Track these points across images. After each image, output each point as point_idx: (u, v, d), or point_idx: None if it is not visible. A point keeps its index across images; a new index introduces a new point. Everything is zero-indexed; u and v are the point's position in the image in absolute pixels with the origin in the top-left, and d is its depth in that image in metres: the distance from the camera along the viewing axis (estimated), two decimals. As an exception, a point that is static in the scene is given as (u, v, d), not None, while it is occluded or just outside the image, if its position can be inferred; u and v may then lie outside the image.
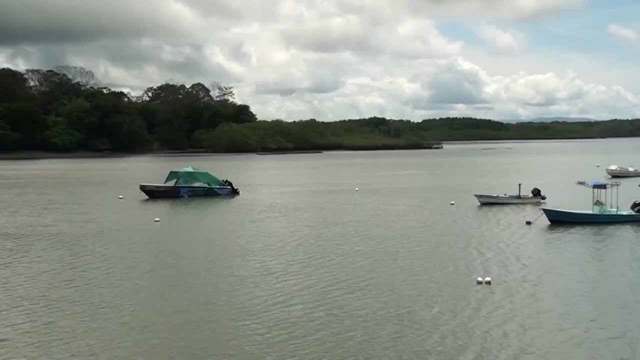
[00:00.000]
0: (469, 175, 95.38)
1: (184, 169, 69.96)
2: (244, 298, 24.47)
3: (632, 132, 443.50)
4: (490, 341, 19.27)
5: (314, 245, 35.90)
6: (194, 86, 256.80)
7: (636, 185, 66.55)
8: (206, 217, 51.97)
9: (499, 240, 37.22)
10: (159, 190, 66.89)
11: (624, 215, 43.21)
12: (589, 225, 41.64)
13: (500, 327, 20.54)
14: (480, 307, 22.94)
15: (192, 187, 66.71)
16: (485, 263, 30.42)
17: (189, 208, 57.35)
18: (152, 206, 58.71)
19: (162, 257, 33.63)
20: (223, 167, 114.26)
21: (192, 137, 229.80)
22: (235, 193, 66.90)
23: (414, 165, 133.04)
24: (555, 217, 42.94)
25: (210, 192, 66.36)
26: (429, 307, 22.81)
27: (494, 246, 35.11)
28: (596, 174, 78.81)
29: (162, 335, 20.28)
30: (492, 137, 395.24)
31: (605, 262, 31.29)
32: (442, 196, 62.16)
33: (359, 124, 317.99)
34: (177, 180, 67.20)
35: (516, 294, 24.70)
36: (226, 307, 23.31)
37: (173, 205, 59.42)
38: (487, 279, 26.46)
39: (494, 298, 24.11)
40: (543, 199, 55.03)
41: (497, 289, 25.47)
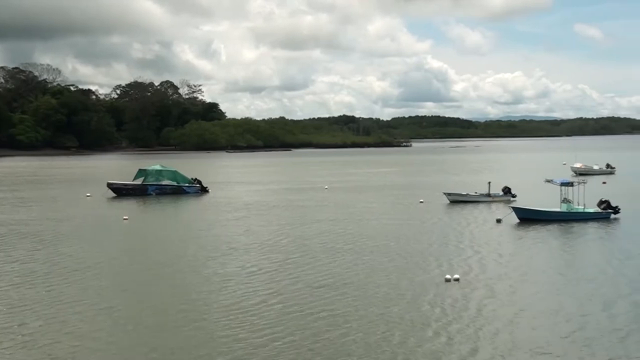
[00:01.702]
0: (437, 173, 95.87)
1: (153, 167, 69.46)
2: (216, 298, 24.33)
3: (597, 131, 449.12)
4: (458, 338, 19.34)
5: (285, 244, 35.83)
6: (163, 84, 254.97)
7: (600, 183, 67.55)
8: (175, 216, 51.64)
9: (468, 238, 37.42)
10: (126, 188, 66.35)
11: (591, 212, 43.71)
12: (557, 222, 42.05)
13: (467, 324, 20.63)
14: (449, 304, 23.02)
15: (160, 185, 66.27)
16: (454, 261, 30.54)
17: (157, 206, 56.97)
18: (120, 204, 58.22)
19: (132, 255, 33.37)
20: (192, 165, 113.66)
21: (161, 135, 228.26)
22: (205, 191, 66.54)
23: (383, 163, 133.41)
24: (524, 215, 43.29)
25: (178, 190, 65.94)
26: (397, 305, 22.83)
27: (463, 244, 35.29)
28: (562, 172, 79.67)
29: (132, 334, 20.10)
30: (460, 135, 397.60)
31: (573, 259, 31.62)
32: (411, 194, 62.39)
33: (329, 122, 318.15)
34: (145, 178, 66.72)
35: (485, 291, 24.83)
36: (198, 306, 23.15)
37: (141, 203, 59.01)
38: (455, 277, 26.57)
39: (462, 295, 24.20)
40: (513, 197, 55.38)
41: (465, 286, 25.59)
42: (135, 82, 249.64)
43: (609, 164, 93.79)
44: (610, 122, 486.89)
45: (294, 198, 61.17)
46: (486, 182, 58.43)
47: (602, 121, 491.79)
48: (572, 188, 45.11)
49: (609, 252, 32.92)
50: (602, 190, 56.63)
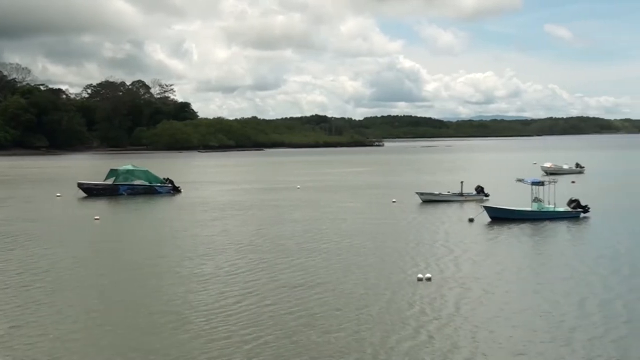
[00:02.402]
0: (410, 173, 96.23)
1: (124, 167, 69.03)
2: (195, 298, 24.23)
3: (567, 131, 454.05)
4: (429, 337, 19.45)
5: (260, 244, 35.79)
6: (135, 83, 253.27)
7: (570, 182, 68.23)
8: (148, 216, 51.36)
9: (440, 237, 37.60)
10: (97, 188, 65.88)
11: (561, 211, 44.16)
12: (528, 221, 42.41)
13: (439, 323, 20.75)
14: (421, 303, 23.14)
15: (132, 185, 65.90)
16: (426, 260, 30.68)
17: (129, 206, 56.64)
18: (91, 204, 57.80)
19: (106, 256, 33.16)
20: (164, 165, 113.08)
21: (133, 135, 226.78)
22: (177, 191, 66.24)
23: (356, 163, 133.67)
24: (496, 215, 43.61)
25: (150, 191, 65.60)
26: (369, 305, 22.90)
27: (435, 244, 35.46)
28: (533, 171, 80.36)
29: (111, 336, 19.91)
30: (432, 135, 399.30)
31: (545, 258, 31.88)
32: (383, 194, 62.56)
33: (301, 122, 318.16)
34: (117, 178, 66.29)
35: (457, 290, 24.98)
36: (176, 306, 23.03)
37: (113, 204, 58.65)
38: (427, 276, 26.69)
39: (434, 295, 24.33)
40: (487, 196, 55.73)
41: (437, 285, 25.73)
42: (107, 81, 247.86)
43: (578, 164, 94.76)
44: (579, 122, 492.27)
45: (267, 198, 61.12)
46: (459, 181, 58.74)
47: (572, 121, 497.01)
48: (543, 187, 45.54)
49: (580, 251, 33.28)
50: (572, 190, 57.26)
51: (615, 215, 45.96)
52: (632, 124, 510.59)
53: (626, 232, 38.93)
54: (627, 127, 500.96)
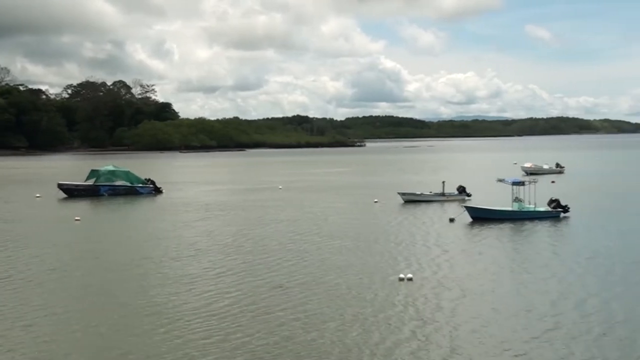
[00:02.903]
0: (392, 173, 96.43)
1: (105, 168, 68.72)
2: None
3: (547, 130, 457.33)
4: (411, 337, 19.53)
5: (239, 245, 35.77)
6: (116, 83, 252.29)
7: (549, 182, 68.67)
8: (129, 216, 51.14)
9: (421, 237, 37.74)
10: (77, 188, 65.54)
11: (541, 211, 44.44)
12: (509, 221, 42.64)
13: (420, 323, 20.84)
14: (402, 303, 23.23)
15: (113, 185, 65.61)
16: (408, 260, 30.79)
17: (110, 207, 56.38)
18: (71, 205, 57.52)
19: (88, 257, 32.95)
20: (146, 165, 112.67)
21: (114, 135, 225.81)
22: (158, 192, 66.04)
23: (337, 163, 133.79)
24: (477, 214, 43.82)
25: (131, 191, 65.35)
26: (350, 305, 22.96)
27: (416, 243, 35.61)
28: (514, 171, 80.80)
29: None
30: (414, 135, 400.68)
31: (524, 257, 32.05)
32: (365, 194, 62.65)
33: (282, 122, 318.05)
34: (97, 178, 65.97)
35: (437, 290, 25.10)
36: (150, 308, 22.96)
37: (93, 204, 58.36)
38: (409, 276, 26.79)
39: (415, 294, 24.43)
40: (468, 196, 55.94)
41: (418, 285, 25.83)
42: (87, 81, 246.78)
43: (558, 164, 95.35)
44: (559, 122, 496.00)
45: (248, 198, 61.04)
46: (440, 181, 58.89)
47: (552, 121, 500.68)
48: (523, 187, 45.81)
49: (560, 251, 33.49)
50: (552, 190, 57.59)
51: (595, 214, 46.32)
52: (611, 124, 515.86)
53: (605, 231, 39.26)
54: (605, 127, 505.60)
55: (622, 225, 41.70)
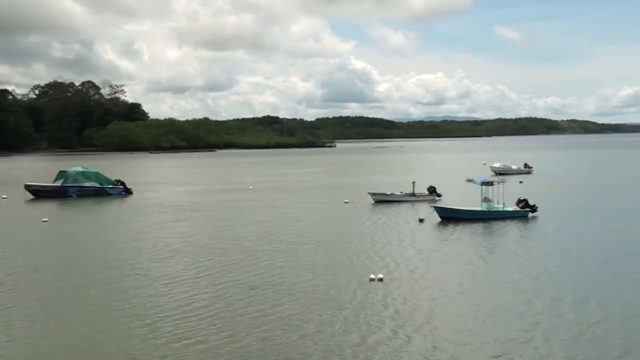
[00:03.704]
0: (362, 174, 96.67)
1: (74, 169, 68.13)
2: (138, 301, 24.08)
3: (516, 131, 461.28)
4: (380, 337, 19.66)
5: (212, 246, 35.68)
6: (84, 84, 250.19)
7: (518, 182, 69.31)
8: (97, 217, 50.79)
9: (392, 237, 37.93)
10: (45, 189, 64.96)
11: (510, 211, 44.86)
12: (477, 221, 43.00)
13: (390, 323, 20.97)
14: (373, 303, 23.35)
15: (82, 186, 65.10)
16: (378, 260, 30.93)
17: (78, 208, 55.93)
18: (38, 206, 56.99)
19: (55, 258, 32.70)
20: (115, 166, 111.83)
21: (83, 136, 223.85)
22: (129, 193, 65.67)
23: (308, 163, 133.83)
24: (446, 214, 44.12)
25: (101, 192, 64.91)
26: (321, 305, 23.02)
27: (387, 244, 35.77)
28: (483, 171, 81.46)
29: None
30: (384, 135, 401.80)
31: (493, 257, 32.37)
32: (336, 194, 62.79)
33: (253, 123, 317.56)
34: (66, 179, 65.41)
35: (408, 290, 25.26)
36: (120, 310, 22.85)
37: (61, 205, 57.89)
38: (379, 276, 26.92)
39: (386, 294, 24.56)
40: (439, 196, 56.20)
41: (389, 285, 25.97)
42: (55, 82, 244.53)
43: (526, 164, 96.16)
44: (528, 123, 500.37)
45: (219, 199, 60.90)
46: (411, 181, 59.16)
47: (521, 121, 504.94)
48: (492, 187, 46.22)
49: (528, 250, 33.81)
50: (521, 190, 58.12)
51: (562, 214, 46.82)
52: (578, 125, 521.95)
53: (572, 230, 39.73)
54: (572, 127, 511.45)
55: (589, 224, 42.27)
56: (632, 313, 21.77)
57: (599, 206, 52.13)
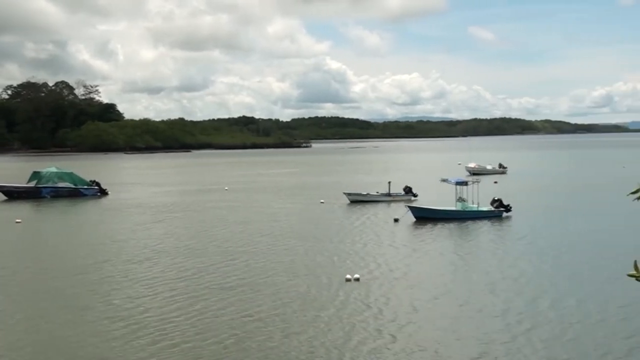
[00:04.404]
0: (337, 174, 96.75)
1: (48, 169, 67.63)
2: (118, 302, 24.06)
3: (491, 131, 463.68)
4: (360, 335, 19.80)
5: (188, 247, 35.66)
6: (58, 84, 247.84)
7: (492, 182, 69.76)
8: (72, 218, 50.51)
9: (368, 237, 38.10)
10: (18, 190, 64.41)
11: (484, 211, 45.19)
12: (452, 221, 43.29)
13: (369, 322, 21.14)
14: (349, 303, 23.50)
15: (56, 187, 64.61)
16: (354, 260, 31.10)
17: (53, 209, 55.58)
18: (11, 207, 56.52)
19: (28, 259, 32.50)
20: (90, 167, 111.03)
21: (56, 136, 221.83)
22: (104, 193, 65.31)
23: (283, 164, 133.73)
24: (420, 214, 44.36)
25: (75, 193, 64.48)
26: (299, 306, 23.16)
27: (363, 244, 35.94)
28: (458, 171, 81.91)
29: (30, 340, 19.68)
30: (359, 136, 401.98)
31: (467, 255, 32.65)
32: (312, 195, 62.88)
33: (228, 123, 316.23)
34: (39, 180, 64.90)
35: (384, 289, 25.45)
36: (100, 312, 22.81)
37: (35, 206, 57.45)
38: (356, 276, 27.06)
39: (363, 294, 24.73)
40: (415, 196, 56.41)
41: (366, 285, 26.13)
42: (28, 82, 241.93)
43: (501, 164, 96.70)
44: (502, 123, 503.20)
45: (195, 200, 60.75)
46: (386, 182, 59.35)
47: (495, 122, 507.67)
48: (467, 187, 46.53)
49: (503, 250, 34.16)
50: (495, 190, 58.54)
51: (536, 214, 47.27)
52: (551, 125, 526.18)
53: (546, 230, 40.16)
54: (546, 127, 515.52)
55: (562, 223, 42.76)
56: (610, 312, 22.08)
57: (572, 206, 52.67)
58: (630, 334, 19.82)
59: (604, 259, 31.03)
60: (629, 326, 20.59)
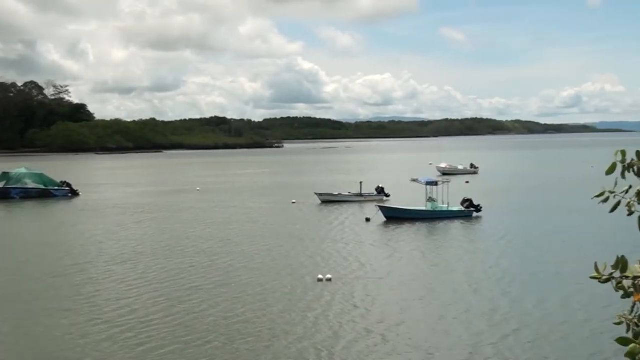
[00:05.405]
0: (309, 174, 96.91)
1: (17, 170, 67.03)
2: (96, 305, 24.06)
3: (462, 131, 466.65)
4: (331, 334, 20.03)
5: (164, 247, 35.65)
6: (27, 84, 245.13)
7: (464, 182, 70.31)
8: (44, 220, 50.18)
9: (339, 237, 38.34)
10: (-14, 191, 63.78)
11: (454, 211, 45.58)
12: (422, 220, 43.62)
13: (340, 321, 21.38)
14: (321, 304, 23.72)
15: (25, 188, 64.07)
16: (326, 261, 31.31)
17: (23, 210, 55.17)
18: (-18, 209, 56.00)
19: (1, 261, 32.33)
20: (61, 167, 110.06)
21: (25, 137, 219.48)
22: (75, 194, 64.90)
23: (255, 164, 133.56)
24: (391, 214, 44.68)
25: (45, 194, 64.00)
26: (270, 307, 23.33)
27: (334, 244, 36.17)
28: (429, 171, 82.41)
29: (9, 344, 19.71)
30: (332, 136, 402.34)
31: (436, 255, 33.00)
32: (283, 195, 62.97)
33: (200, 124, 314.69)
34: (8, 181, 64.30)
35: (356, 289, 25.71)
36: (78, 314, 22.82)
37: (4, 207, 56.92)
38: (327, 277, 27.27)
39: (335, 294, 24.95)
40: (387, 196, 56.70)
41: (337, 285, 26.35)
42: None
43: (472, 164, 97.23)
44: (474, 123, 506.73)
45: (167, 201, 60.59)
46: (358, 182, 59.54)
47: (467, 122, 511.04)
48: (437, 187, 46.87)
49: (471, 249, 34.58)
50: (466, 190, 59.02)
51: (506, 213, 47.77)
52: (522, 125, 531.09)
53: (514, 229, 40.60)
54: (517, 127, 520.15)
55: (532, 223, 43.29)
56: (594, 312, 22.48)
57: (542, 205, 53.14)
58: (616, 334, 20.06)
59: (573, 258, 31.46)
60: (614, 327, 20.93)
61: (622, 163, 3.12)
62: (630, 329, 3.02)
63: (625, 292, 3.11)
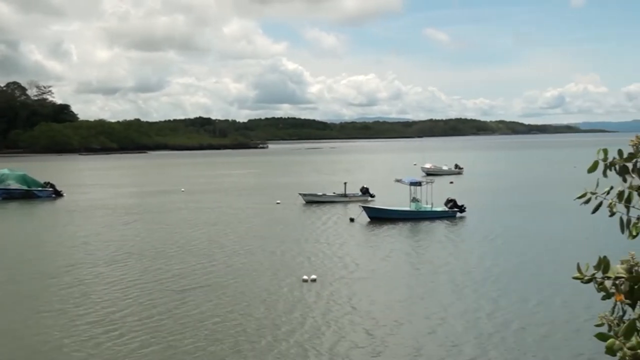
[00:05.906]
0: (294, 175, 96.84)
1: (0, 171, 66.57)
2: (87, 306, 23.97)
3: (447, 132, 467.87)
4: (315, 334, 20.03)
5: (151, 249, 35.56)
6: (9, 85, 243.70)
7: (448, 183, 70.51)
8: (28, 221, 49.85)
9: (323, 238, 38.36)
10: (-32, 192, 63.34)
11: (438, 211, 45.66)
12: (406, 221, 43.68)
13: (325, 321, 21.39)
14: (306, 304, 23.72)
15: (8, 189, 63.64)
16: (310, 261, 31.32)
17: (6, 211, 54.83)
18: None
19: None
20: (45, 168, 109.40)
21: (8, 137, 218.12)
22: (59, 195, 64.53)
23: (240, 165, 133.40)
24: (374, 214, 44.71)
25: (28, 195, 63.61)
26: (255, 307, 23.33)
27: (319, 244, 36.21)
28: (414, 172, 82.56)
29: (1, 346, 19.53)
30: (316, 136, 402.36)
31: (420, 255, 33.08)
32: (268, 195, 62.89)
33: (185, 124, 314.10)
34: (-9, 182, 63.90)
35: (341, 289, 25.74)
36: (70, 315, 22.73)
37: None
38: (312, 277, 27.27)
39: (319, 295, 24.96)
40: (372, 196, 56.73)
41: (322, 285, 26.37)
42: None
43: (457, 165, 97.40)
44: (458, 124, 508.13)
45: (151, 202, 60.37)
46: (342, 182, 59.56)
47: (451, 122, 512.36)
48: (421, 187, 46.92)
49: (454, 250, 34.69)
50: (451, 190, 59.18)
51: (489, 213, 47.94)
52: (506, 125, 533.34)
53: (498, 229, 40.74)
54: (501, 128, 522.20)
55: (514, 223, 43.42)
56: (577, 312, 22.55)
57: (525, 206, 53.31)
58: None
59: (555, 258, 31.60)
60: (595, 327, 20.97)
61: (604, 161, 3.16)
62: (612, 329, 3.05)
63: (606, 293, 3.12)
